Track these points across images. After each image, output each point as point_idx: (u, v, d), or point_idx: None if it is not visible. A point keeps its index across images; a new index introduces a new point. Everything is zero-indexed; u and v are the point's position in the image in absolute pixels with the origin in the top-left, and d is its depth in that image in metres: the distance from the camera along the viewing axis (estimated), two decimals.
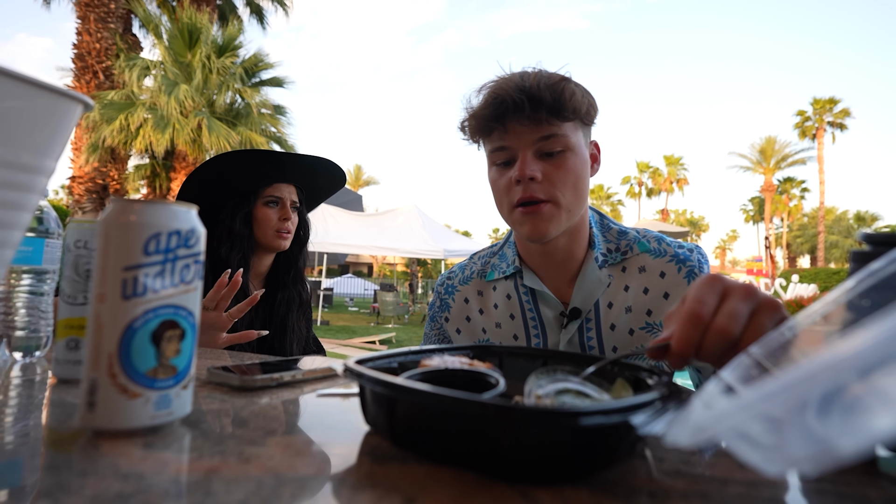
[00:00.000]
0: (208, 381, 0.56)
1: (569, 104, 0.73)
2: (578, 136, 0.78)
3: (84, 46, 9.64)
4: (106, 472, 0.30)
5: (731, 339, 0.41)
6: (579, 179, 0.77)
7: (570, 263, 0.84)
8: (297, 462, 0.33)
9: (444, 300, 0.98)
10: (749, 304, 0.43)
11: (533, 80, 0.74)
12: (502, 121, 0.75)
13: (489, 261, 0.95)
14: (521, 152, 0.76)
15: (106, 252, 0.37)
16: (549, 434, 0.30)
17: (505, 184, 0.78)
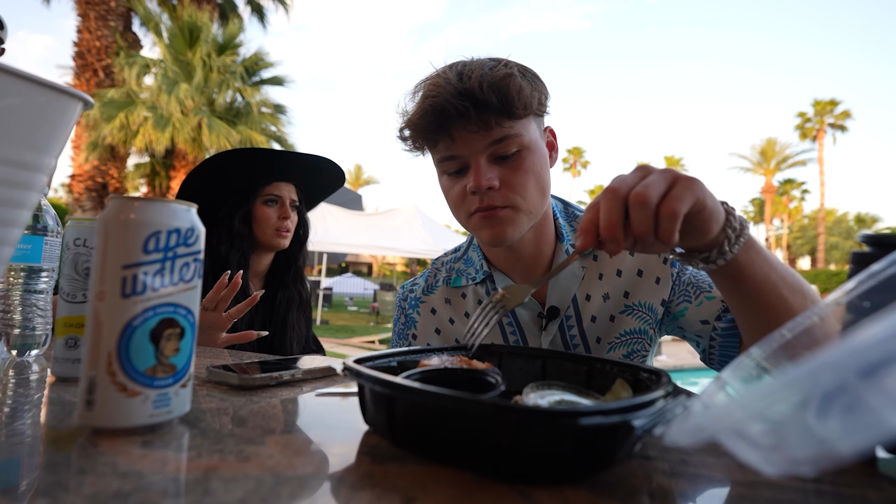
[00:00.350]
0: (208, 380, 0.56)
1: (518, 102, 0.66)
2: (532, 131, 0.72)
3: (84, 44, 9.64)
4: (104, 470, 0.30)
5: (650, 205, 0.43)
6: (539, 177, 0.72)
7: (539, 261, 0.80)
8: (296, 461, 0.33)
9: (408, 315, 0.92)
10: (665, 176, 0.45)
11: (474, 81, 0.65)
12: (446, 129, 0.68)
13: (454, 266, 0.90)
14: (473, 160, 0.69)
15: (105, 250, 0.37)
16: (548, 434, 0.30)
17: (459, 193, 0.72)
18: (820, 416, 0.24)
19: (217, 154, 1.23)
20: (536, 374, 0.52)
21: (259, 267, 1.34)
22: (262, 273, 1.36)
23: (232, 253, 1.23)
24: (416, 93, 0.71)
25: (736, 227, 0.52)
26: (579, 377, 0.49)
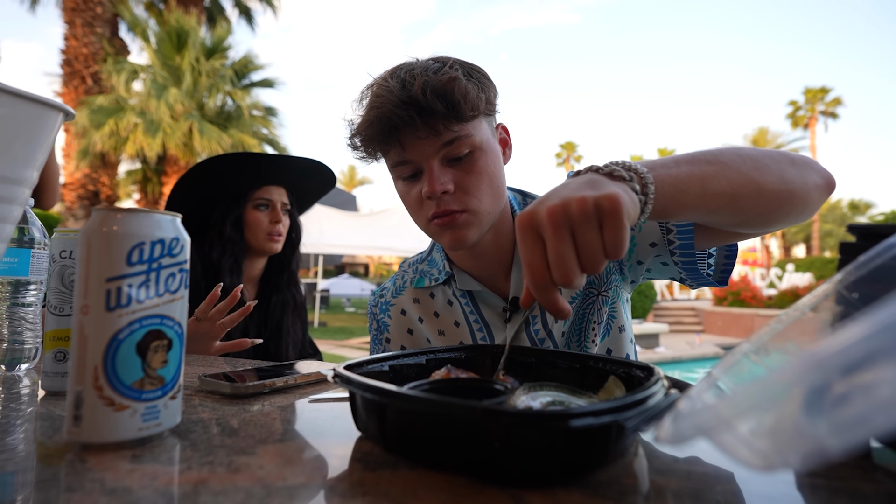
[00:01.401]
0: (200, 389, 0.56)
1: (464, 105, 0.66)
2: (483, 130, 0.71)
3: (71, 51, 9.56)
4: (92, 487, 0.30)
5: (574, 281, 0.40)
6: (493, 177, 0.72)
7: (501, 257, 0.80)
8: (287, 471, 0.33)
9: (380, 320, 0.92)
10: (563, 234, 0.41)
11: (417, 89, 0.64)
12: (396, 137, 0.68)
13: (419, 268, 0.91)
14: (425, 165, 0.69)
15: (88, 263, 0.36)
16: (539, 437, 0.30)
17: (415, 198, 0.72)
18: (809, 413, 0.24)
19: (205, 160, 1.22)
20: (531, 374, 0.52)
21: (252, 272, 1.33)
22: (255, 278, 1.35)
23: (224, 258, 1.23)
24: (361, 101, 0.71)
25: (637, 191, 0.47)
26: (572, 375, 0.49)
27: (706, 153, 0.56)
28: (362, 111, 0.70)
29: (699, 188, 0.52)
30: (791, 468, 0.25)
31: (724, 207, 0.55)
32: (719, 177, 0.53)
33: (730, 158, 0.55)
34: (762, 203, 0.56)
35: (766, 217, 0.59)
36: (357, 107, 0.71)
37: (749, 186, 0.55)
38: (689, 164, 0.53)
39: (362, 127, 0.69)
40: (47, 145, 0.48)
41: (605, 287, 0.79)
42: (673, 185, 0.51)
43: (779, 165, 0.57)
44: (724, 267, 0.75)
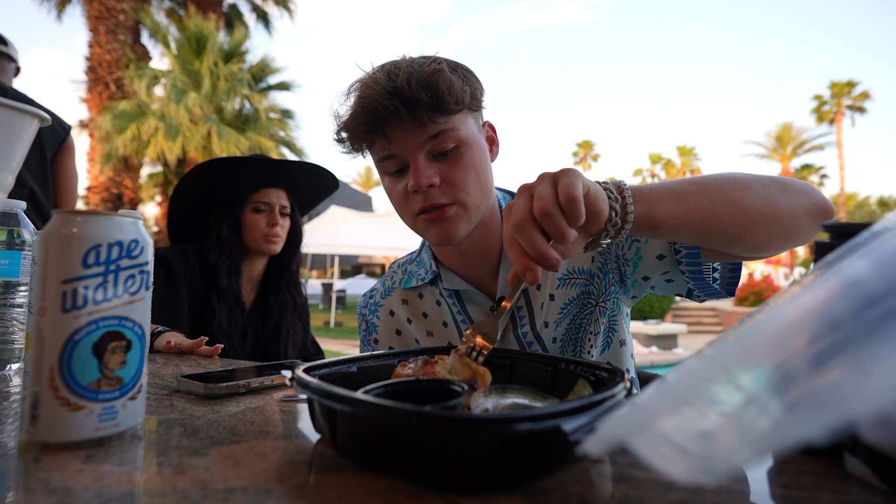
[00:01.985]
0: (177, 390, 0.56)
1: (449, 97, 0.66)
2: (469, 125, 0.71)
3: (95, 58, 9.82)
4: (35, 486, 0.30)
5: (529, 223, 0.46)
6: (480, 172, 0.72)
7: (488, 256, 0.80)
8: (232, 473, 0.33)
9: (368, 321, 0.92)
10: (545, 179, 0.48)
11: (402, 79, 0.65)
12: (381, 129, 0.68)
13: (407, 268, 0.90)
14: (411, 158, 0.69)
15: (46, 265, 0.37)
16: (476, 442, 0.29)
17: (402, 193, 0.71)
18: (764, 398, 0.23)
19: (200, 164, 1.24)
20: (503, 376, 0.51)
21: (252, 273, 1.35)
22: (256, 278, 1.36)
23: (221, 260, 1.25)
24: (348, 94, 0.70)
25: (614, 193, 0.53)
26: (544, 378, 0.48)
27: (694, 177, 0.60)
28: (348, 105, 0.70)
29: (679, 202, 0.56)
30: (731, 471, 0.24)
31: (707, 223, 0.57)
32: (700, 195, 0.57)
33: (715, 180, 0.59)
34: (744, 222, 0.58)
35: (752, 238, 0.60)
36: (344, 100, 0.71)
37: (731, 206, 0.58)
38: (672, 183, 0.58)
39: (349, 118, 0.69)
40: (22, 149, 0.49)
41: (604, 298, 0.78)
42: (650, 196, 0.55)
43: (767, 189, 0.59)
44: (730, 279, 0.74)
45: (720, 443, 0.23)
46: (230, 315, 1.25)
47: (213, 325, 1.22)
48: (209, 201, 1.29)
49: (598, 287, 0.78)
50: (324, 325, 9.82)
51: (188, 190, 1.27)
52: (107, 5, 9.64)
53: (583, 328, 0.78)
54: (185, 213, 1.31)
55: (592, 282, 0.78)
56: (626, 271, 0.77)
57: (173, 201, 1.28)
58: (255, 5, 13.36)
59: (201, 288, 1.23)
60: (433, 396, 0.39)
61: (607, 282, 0.78)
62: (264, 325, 1.33)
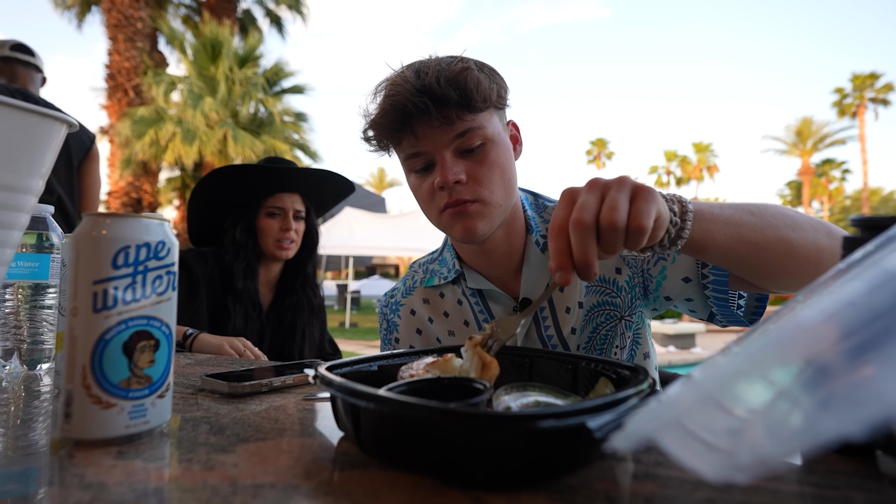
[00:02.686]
0: (201, 388, 0.57)
1: (476, 95, 0.67)
2: (495, 124, 0.73)
3: (114, 66, 10.04)
4: (71, 482, 0.31)
5: (587, 226, 0.44)
6: (505, 170, 0.73)
7: (511, 255, 0.80)
8: (259, 469, 0.33)
9: (389, 320, 0.93)
10: (595, 191, 0.46)
11: (431, 77, 0.66)
12: (410, 127, 0.69)
13: (429, 267, 0.91)
14: (438, 155, 0.70)
15: (77, 266, 0.38)
16: (501, 439, 0.29)
17: (428, 190, 0.73)
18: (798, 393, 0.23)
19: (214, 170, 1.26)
20: (523, 375, 0.51)
21: (269, 275, 1.36)
22: (272, 281, 1.38)
23: (236, 263, 1.26)
24: (376, 93, 0.72)
25: (676, 216, 0.52)
26: (565, 376, 0.48)
27: (751, 205, 0.59)
28: (377, 103, 0.71)
29: (734, 231, 0.55)
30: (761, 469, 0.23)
31: (753, 256, 0.57)
32: (755, 227, 0.56)
33: (773, 216, 0.58)
34: (789, 263, 0.58)
35: (790, 277, 0.59)
36: (372, 98, 0.72)
37: (780, 245, 0.57)
38: (731, 209, 0.57)
39: (378, 116, 0.70)
40: (51, 155, 0.50)
41: (629, 311, 0.78)
42: (710, 221, 0.54)
43: (815, 233, 0.58)
44: (755, 309, 0.73)
45: (750, 439, 0.23)
46: (246, 317, 1.27)
47: (229, 327, 1.24)
48: (224, 206, 1.31)
49: (623, 300, 0.77)
50: (339, 326, 9.90)
51: (203, 195, 1.29)
52: (125, 14, 9.85)
53: (608, 341, 0.78)
54: (201, 217, 1.34)
55: (619, 294, 0.77)
56: (650, 286, 0.77)
57: (190, 206, 1.31)
58: (269, 10, 13.52)
59: (219, 290, 1.25)
60: (456, 394, 0.40)
61: (633, 295, 0.77)
62: (279, 326, 1.34)
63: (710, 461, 0.22)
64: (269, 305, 1.37)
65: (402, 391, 0.38)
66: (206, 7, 12.09)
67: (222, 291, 1.26)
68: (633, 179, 0.47)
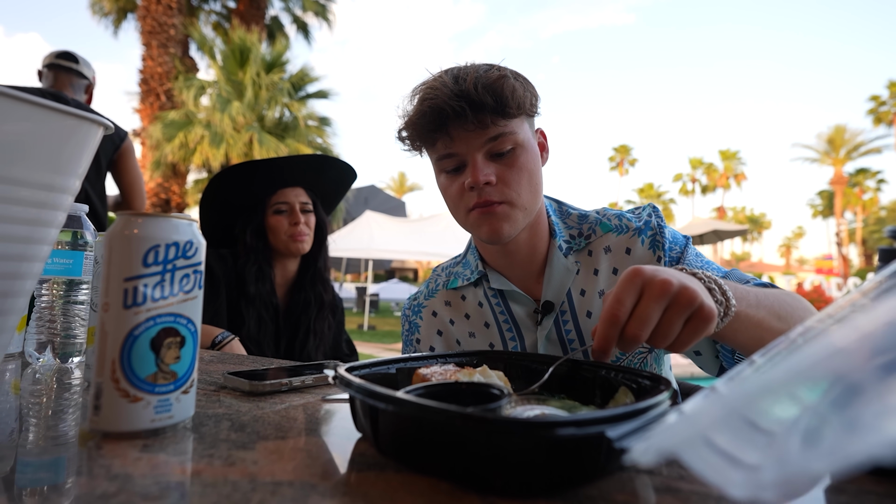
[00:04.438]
0: (223, 386, 0.58)
1: (511, 102, 0.70)
2: (525, 130, 0.76)
3: (148, 71, 10.38)
4: (99, 472, 0.32)
5: (641, 340, 0.47)
6: (532, 175, 0.75)
7: (534, 258, 0.82)
8: (278, 467, 0.34)
9: (412, 322, 0.95)
10: (661, 302, 0.47)
11: (470, 83, 0.70)
12: (445, 129, 0.72)
13: (452, 270, 0.93)
14: (470, 157, 0.73)
15: (110, 264, 0.39)
16: (519, 445, 0.29)
17: (457, 190, 0.76)
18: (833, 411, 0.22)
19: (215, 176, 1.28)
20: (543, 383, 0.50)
21: (286, 274, 1.38)
22: (290, 280, 1.40)
23: (248, 267, 1.28)
24: (413, 96, 0.75)
25: (719, 322, 0.54)
26: (584, 384, 0.47)
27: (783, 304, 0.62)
28: (413, 105, 0.75)
29: (758, 335, 0.59)
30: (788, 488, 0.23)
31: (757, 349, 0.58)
32: (778, 333, 0.57)
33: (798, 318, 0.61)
34: None
35: None
36: (409, 100, 0.75)
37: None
38: (765, 311, 0.60)
39: (415, 117, 0.74)
40: (88, 156, 0.52)
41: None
42: (742, 321, 0.57)
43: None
44: None
45: (777, 457, 0.22)
46: (259, 321, 1.28)
47: (243, 332, 1.26)
48: (232, 210, 1.33)
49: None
50: (357, 329, 9.97)
51: (210, 201, 1.32)
52: (159, 21, 10.19)
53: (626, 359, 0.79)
54: (213, 223, 1.36)
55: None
56: None
57: (200, 213, 1.33)
58: (296, 17, 13.80)
59: (235, 293, 1.28)
60: (473, 399, 0.39)
61: None
62: (288, 323, 1.36)
63: (735, 478, 0.22)
64: (287, 306, 1.38)
65: (420, 394, 0.38)
66: (235, 14, 12.41)
67: (239, 296, 1.29)
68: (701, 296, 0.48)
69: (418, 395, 0.38)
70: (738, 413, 0.24)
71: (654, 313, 0.47)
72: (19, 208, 0.44)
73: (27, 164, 0.44)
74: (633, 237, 0.80)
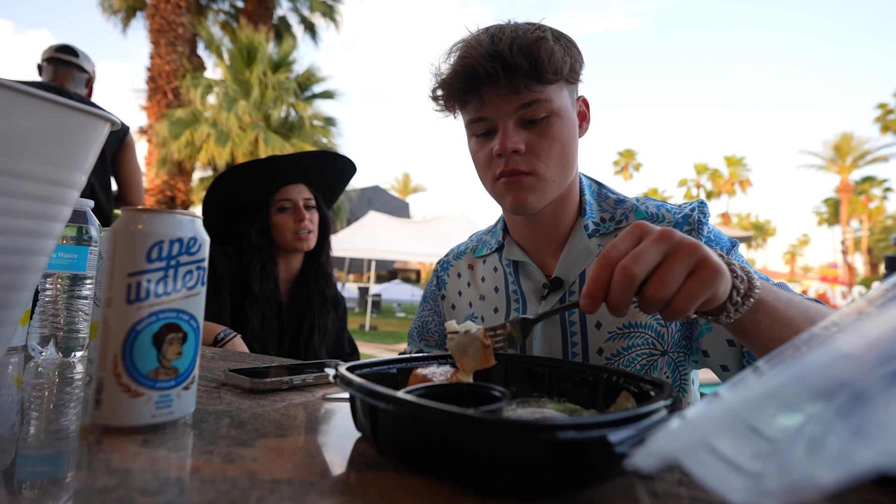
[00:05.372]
0: (224, 383, 0.58)
1: (548, 66, 0.66)
2: (563, 97, 0.71)
3: (155, 69, 10.43)
4: (98, 466, 0.32)
5: (634, 280, 0.42)
6: (566, 146, 0.72)
7: (556, 233, 0.79)
8: (277, 465, 0.34)
9: (440, 277, 0.97)
10: (661, 246, 0.43)
11: (505, 44, 0.66)
12: (477, 91, 0.69)
13: (483, 238, 0.94)
14: (501, 123, 0.70)
15: (114, 259, 0.39)
16: (519, 448, 0.29)
17: (486, 156, 0.73)
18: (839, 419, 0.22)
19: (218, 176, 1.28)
20: (542, 384, 0.50)
21: (290, 271, 1.38)
22: (293, 276, 1.40)
23: (252, 265, 1.28)
24: (450, 54, 0.72)
25: (738, 300, 0.49)
26: (585, 387, 0.47)
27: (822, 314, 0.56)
28: (449, 62, 0.71)
29: (782, 332, 0.52)
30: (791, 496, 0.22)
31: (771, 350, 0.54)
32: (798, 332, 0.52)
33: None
34: None
35: None
36: (445, 58, 0.73)
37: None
38: (797, 310, 0.54)
39: (448, 76, 0.71)
40: (95, 151, 0.52)
41: (672, 348, 0.73)
42: (766, 313, 0.52)
43: None
44: None
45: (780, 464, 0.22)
46: (263, 319, 1.28)
47: (247, 330, 1.26)
48: (235, 209, 1.33)
49: (668, 333, 0.73)
50: (359, 329, 9.97)
51: (213, 201, 1.32)
52: (168, 19, 10.25)
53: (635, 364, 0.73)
54: (217, 223, 1.36)
55: (659, 339, 0.73)
56: (693, 333, 0.74)
57: (203, 213, 1.34)
58: (304, 17, 13.86)
59: (239, 291, 1.28)
60: (473, 400, 0.39)
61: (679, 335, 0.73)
62: (293, 318, 1.36)
63: (737, 485, 0.21)
64: (290, 302, 1.39)
65: (420, 395, 0.38)
66: (243, 14, 12.48)
67: (243, 294, 1.29)
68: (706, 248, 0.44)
69: (419, 395, 0.38)
70: (740, 419, 0.24)
71: (650, 253, 0.42)
72: (25, 202, 0.44)
73: (34, 159, 0.44)
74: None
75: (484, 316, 0.87)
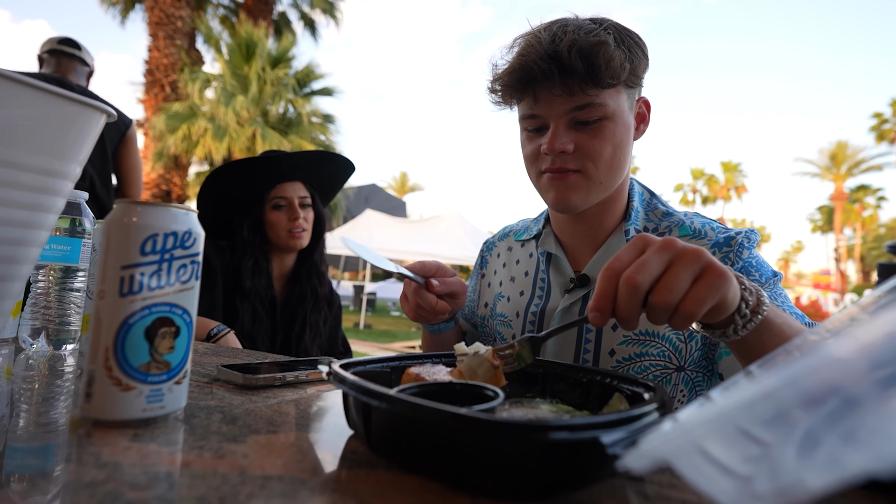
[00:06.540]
0: (216, 378, 0.58)
1: (605, 72, 0.65)
2: (620, 101, 0.71)
3: (153, 62, 10.37)
4: (88, 460, 0.32)
5: (639, 288, 0.42)
6: (617, 149, 0.71)
7: (596, 232, 0.79)
8: (267, 461, 0.33)
9: (483, 257, 1.00)
10: (664, 254, 0.43)
11: (564, 45, 0.65)
12: (532, 89, 0.69)
13: (527, 224, 0.95)
14: (552, 122, 0.70)
15: (107, 251, 0.39)
16: (510, 448, 0.29)
17: (533, 150, 0.74)
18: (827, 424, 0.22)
19: (214, 170, 1.28)
20: (536, 385, 0.50)
21: (283, 268, 1.38)
22: (287, 274, 1.40)
23: (244, 260, 1.28)
24: (511, 48, 0.72)
25: (746, 312, 0.48)
26: (578, 389, 0.47)
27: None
28: (510, 57, 0.71)
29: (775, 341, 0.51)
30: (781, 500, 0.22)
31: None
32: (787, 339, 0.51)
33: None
34: None
35: None
36: (506, 52, 0.72)
37: None
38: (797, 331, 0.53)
39: (504, 72, 0.71)
40: (90, 142, 0.52)
41: (690, 365, 0.72)
42: (772, 336, 0.51)
43: None
44: None
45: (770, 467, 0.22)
46: (254, 316, 1.28)
47: (237, 326, 1.26)
48: (230, 205, 1.33)
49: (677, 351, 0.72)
50: (353, 327, 9.96)
51: (208, 196, 1.31)
52: (167, 12, 10.19)
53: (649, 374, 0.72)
54: (211, 218, 1.36)
55: (676, 353, 0.72)
56: (714, 355, 0.73)
57: (198, 208, 1.33)
58: (304, 13, 13.81)
59: (231, 286, 1.28)
60: (467, 400, 0.39)
61: (692, 348, 0.72)
62: (285, 316, 1.35)
63: (727, 488, 0.22)
64: (283, 299, 1.38)
65: (413, 393, 0.38)
66: (243, 8, 12.42)
67: (235, 290, 1.28)
68: (711, 255, 0.43)
69: (412, 394, 0.38)
70: (732, 422, 0.24)
71: (653, 262, 0.42)
72: (19, 192, 0.43)
73: (28, 149, 0.44)
74: (705, 246, 0.73)
75: (510, 297, 0.87)
